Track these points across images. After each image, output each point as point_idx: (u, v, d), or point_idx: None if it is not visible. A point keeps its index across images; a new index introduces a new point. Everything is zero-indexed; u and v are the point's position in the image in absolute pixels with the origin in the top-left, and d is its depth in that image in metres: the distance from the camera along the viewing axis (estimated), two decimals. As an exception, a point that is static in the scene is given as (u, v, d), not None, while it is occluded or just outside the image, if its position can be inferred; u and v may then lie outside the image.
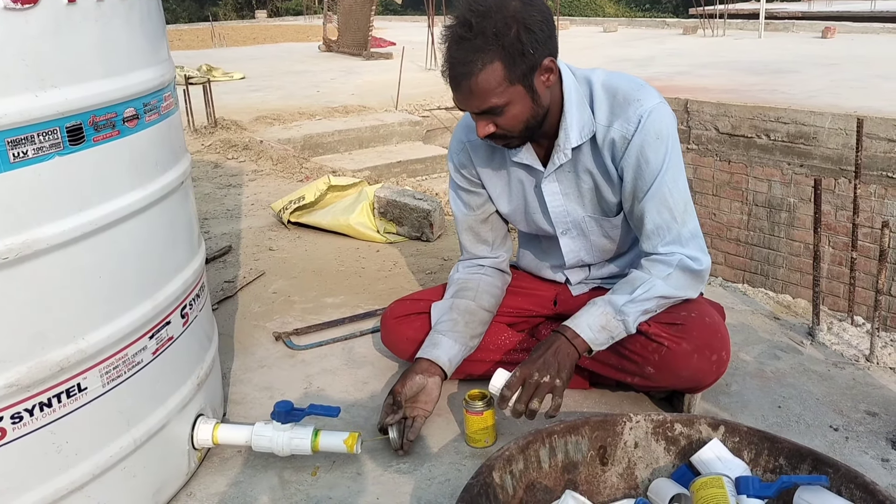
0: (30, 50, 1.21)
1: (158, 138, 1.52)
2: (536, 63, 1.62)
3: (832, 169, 5.71)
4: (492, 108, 1.63)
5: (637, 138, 1.70)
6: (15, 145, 1.20)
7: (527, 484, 1.44)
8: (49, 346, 1.29)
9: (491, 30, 1.56)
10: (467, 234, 2.03)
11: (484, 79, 1.59)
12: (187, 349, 1.66)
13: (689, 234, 1.73)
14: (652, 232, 1.74)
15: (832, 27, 12.27)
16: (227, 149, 5.58)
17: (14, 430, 1.28)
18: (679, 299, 1.76)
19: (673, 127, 1.73)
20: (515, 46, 1.58)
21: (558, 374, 1.64)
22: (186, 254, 1.65)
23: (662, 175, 1.70)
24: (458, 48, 1.60)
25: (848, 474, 1.34)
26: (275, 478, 1.74)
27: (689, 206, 1.74)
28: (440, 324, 1.92)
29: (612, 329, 1.70)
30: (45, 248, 1.26)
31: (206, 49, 15.08)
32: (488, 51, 1.57)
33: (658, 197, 1.71)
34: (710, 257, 1.77)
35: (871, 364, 2.14)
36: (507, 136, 1.71)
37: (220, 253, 3.28)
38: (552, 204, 1.88)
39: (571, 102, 1.73)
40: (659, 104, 1.72)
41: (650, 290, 1.70)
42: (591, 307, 1.73)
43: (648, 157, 1.70)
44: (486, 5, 1.58)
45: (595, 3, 25.94)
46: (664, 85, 7.60)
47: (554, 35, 1.66)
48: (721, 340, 1.74)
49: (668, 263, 1.71)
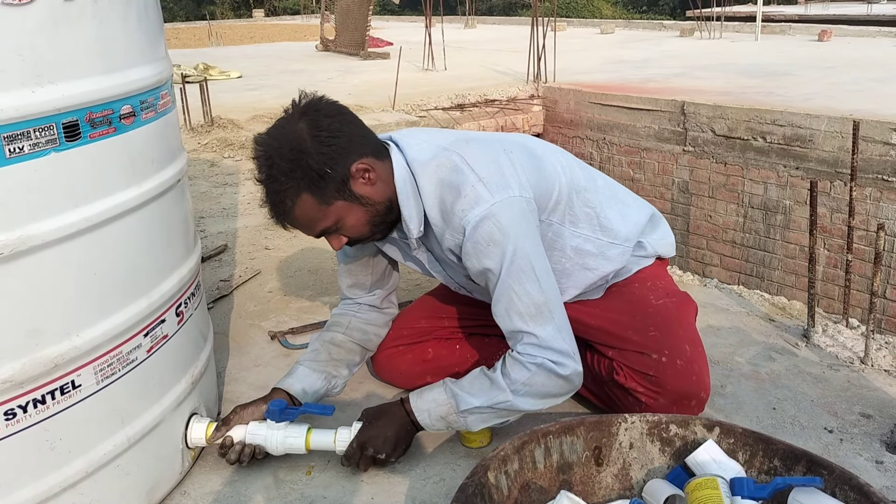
0: (26, 46, 1.20)
1: (155, 136, 1.52)
2: (345, 174, 1.59)
3: (828, 172, 5.71)
4: (325, 230, 1.63)
5: (467, 247, 1.61)
6: (11, 141, 1.20)
7: (522, 484, 1.44)
8: (43, 343, 1.29)
9: (282, 170, 1.55)
10: (345, 277, 2.00)
11: (301, 212, 1.59)
12: (182, 347, 1.65)
13: (549, 337, 1.58)
14: (509, 334, 1.64)
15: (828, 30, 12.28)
16: (223, 147, 5.57)
17: (7, 426, 1.28)
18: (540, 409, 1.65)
19: (513, 225, 1.59)
20: (311, 174, 1.55)
21: (394, 451, 1.70)
22: (182, 252, 1.65)
23: (503, 280, 1.59)
24: (266, 194, 1.60)
25: (842, 476, 1.34)
26: (269, 477, 1.73)
27: (545, 308, 1.59)
28: (305, 354, 1.93)
29: (453, 423, 1.65)
30: (41, 245, 1.26)
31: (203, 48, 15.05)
32: (290, 188, 1.56)
33: (505, 302, 1.60)
34: (579, 364, 1.62)
35: (865, 366, 2.14)
36: (361, 239, 1.70)
37: (215, 252, 3.27)
38: (432, 269, 1.87)
39: (405, 195, 1.66)
40: (491, 207, 1.58)
41: (502, 405, 1.61)
42: (438, 392, 1.67)
43: (485, 264, 1.61)
44: (272, 146, 1.57)
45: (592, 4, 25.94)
46: (661, 87, 7.60)
47: (355, 136, 1.62)
48: (697, 384, 1.71)
49: (527, 367, 1.58)
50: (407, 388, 2.05)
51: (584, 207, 1.82)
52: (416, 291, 2.75)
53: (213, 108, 6.36)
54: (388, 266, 2.01)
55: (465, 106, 7.73)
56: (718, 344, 2.30)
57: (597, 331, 1.83)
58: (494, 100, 7.93)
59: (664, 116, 6.73)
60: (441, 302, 2.11)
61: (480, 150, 1.70)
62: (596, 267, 1.86)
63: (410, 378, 2.03)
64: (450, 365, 2.02)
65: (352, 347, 1.96)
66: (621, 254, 1.87)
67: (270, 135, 1.59)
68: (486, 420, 1.65)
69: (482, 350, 2.04)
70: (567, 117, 7.80)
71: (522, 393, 1.59)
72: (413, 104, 7.35)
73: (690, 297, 1.93)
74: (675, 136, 6.64)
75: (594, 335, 1.84)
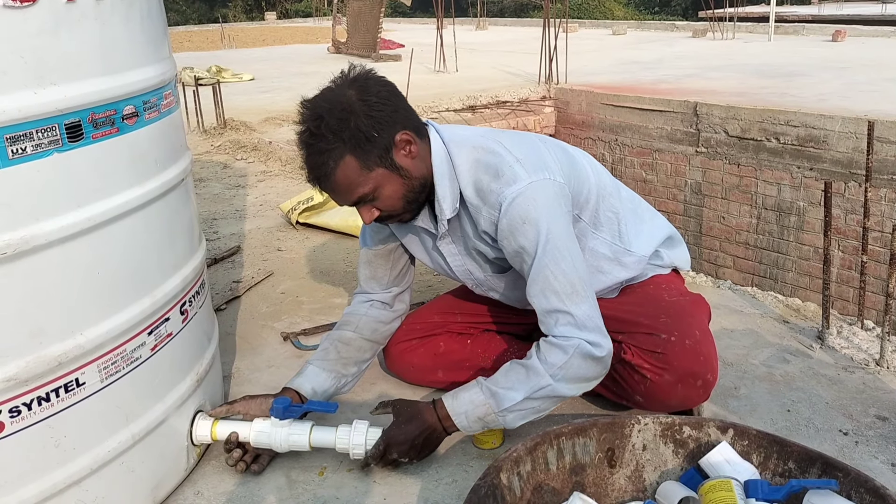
0: (29, 47, 1.20)
1: (158, 136, 1.51)
2: (389, 142, 1.60)
3: (842, 173, 5.67)
4: (362, 197, 1.62)
5: (503, 224, 1.62)
6: (14, 142, 1.19)
7: (534, 486, 1.43)
8: (47, 341, 1.29)
9: (330, 129, 1.55)
10: (364, 268, 2.00)
11: (342, 175, 1.58)
12: (186, 346, 1.65)
13: (585, 316, 1.59)
14: (544, 316, 1.62)
15: (842, 30, 12.20)
16: (236, 149, 5.59)
17: (12, 423, 1.27)
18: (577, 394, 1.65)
19: (548, 206, 1.60)
20: (359, 135, 1.56)
21: (418, 456, 1.68)
22: (186, 251, 1.64)
23: (539, 259, 1.60)
24: (309, 154, 1.59)
25: (858, 479, 1.31)
26: (282, 478, 1.72)
27: (580, 286, 1.60)
28: (314, 354, 1.92)
29: (491, 423, 1.63)
30: (44, 244, 1.25)
31: (216, 50, 15.14)
32: (335, 149, 1.56)
33: (541, 282, 1.60)
34: (610, 342, 1.62)
35: (881, 368, 2.11)
36: (392, 215, 1.69)
37: (228, 253, 3.27)
38: (453, 263, 1.86)
39: (441, 174, 1.68)
40: (528, 186, 1.60)
41: (542, 391, 1.58)
42: (475, 392, 1.63)
43: (521, 243, 1.61)
44: (321, 106, 1.58)
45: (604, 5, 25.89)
46: (673, 87, 7.57)
47: (401, 108, 1.64)
48: (704, 364, 1.70)
49: (564, 350, 1.57)
50: (417, 382, 2.04)
51: (607, 212, 1.83)
52: (429, 293, 2.73)
53: (225, 111, 6.39)
54: (407, 263, 2.01)
55: (477, 107, 7.72)
56: (732, 346, 2.27)
57: (609, 320, 1.81)
58: (506, 101, 7.92)
59: (677, 117, 6.70)
60: (455, 300, 2.11)
61: (517, 137, 1.74)
62: (609, 271, 1.86)
63: (421, 372, 2.02)
64: (461, 359, 2.00)
65: (361, 345, 1.95)
66: (636, 262, 1.88)
67: (319, 97, 1.60)
68: (526, 416, 1.62)
69: (495, 346, 2.01)
70: (579, 118, 7.78)
71: (560, 377, 1.58)
72: (425, 106, 7.34)
73: (704, 300, 1.91)
74: (688, 137, 6.60)
75: (606, 324, 1.82)
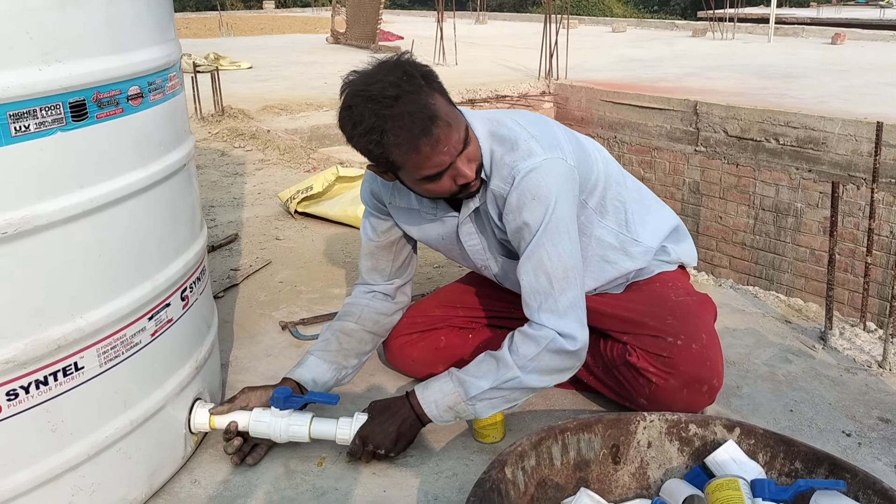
0: (35, 23, 1.18)
1: (162, 118, 1.48)
2: None
3: (841, 175, 5.67)
4: (461, 150, 1.55)
5: (512, 197, 1.60)
6: (17, 119, 1.17)
7: (538, 480, 1.41)
8: (47, 324, 1.27)
9: (419, 76, 1.52)
10: (366, 259, 1.98)
11: (443, 111, 1.51)
12: (186, 332, 1.63)
13: (568, 304, 1.58)
14: (528, 296, 1.61)
15: (842, 33, 12.22)
16: (234, 137, 5.55)
17: (9, 406, 1.25)
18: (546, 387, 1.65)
19: (558, 185, 1.59)
20: (442, 89, 1.56)
21: (394, 446, 1.66)
22: (188, 236, 1.62)
23: (539, 237, 1.58)
24: (405, 101, 1.48)
25: (866, 480, 1.31)
26: (280, 467, 1.71)
27: (572, 273, 1.59)
28: (315, 344, 1.90)
29: (461, 412, 1.62)
30: (45, 225, 1.23)
31: (214, 38, 15.08)
32: (428, 90, 1.51)
33: (534, 260, 1.59)
34: (587, 334, 1.61)
35: (883, 370, 2.10)
36: (467, 184, 1.61)
37: (226, 241, 3.25)
38: (468, 244, 1.82)
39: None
40: (542, 162, 1.59)
41: (510, 382, 1.58)
42: (445, 381, 1.63)
43: (526, 218, 1.59)
44: (388, 70, 1.53)
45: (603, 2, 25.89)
46: (673, 86, 7.56)
47: None
48: (710, 369, 1.68)
49: (537, 342, 1.56)
50: (418, 376, 2.02)
51: (613, 200, 1.81)
52: (428, 286, 2.71)
53: (223, 98, 6.35)
54: (410, 255, 1.99)
55: (476, 101, 7.71)
56: (734, 345, 2.26)
57: (614, 319, 1.81)
58: (505, 95, 7.91)
59: (676, 116, 6.69)
60: (457, 293, 2.09)
61: (530, 116, 1.73)
62: (616, 261, 1.84)
63: (422, 366, 2.00)
64: (462, 354, 1.99)
65: (362, 337, 1.93)
66: (643, 253, 1.86)
67: (370, 71, 1.56)
68: (496, 405, 1.62)
69: (496, 341, 2.00)
70: (578, 115, 7.76)
71: (530, 370, 1.57)
72: (424, 98, 7.32)
73: (711, 300, 1.91)
74: (687, 135, 6.59)
75: (611, 323, 1.81)
